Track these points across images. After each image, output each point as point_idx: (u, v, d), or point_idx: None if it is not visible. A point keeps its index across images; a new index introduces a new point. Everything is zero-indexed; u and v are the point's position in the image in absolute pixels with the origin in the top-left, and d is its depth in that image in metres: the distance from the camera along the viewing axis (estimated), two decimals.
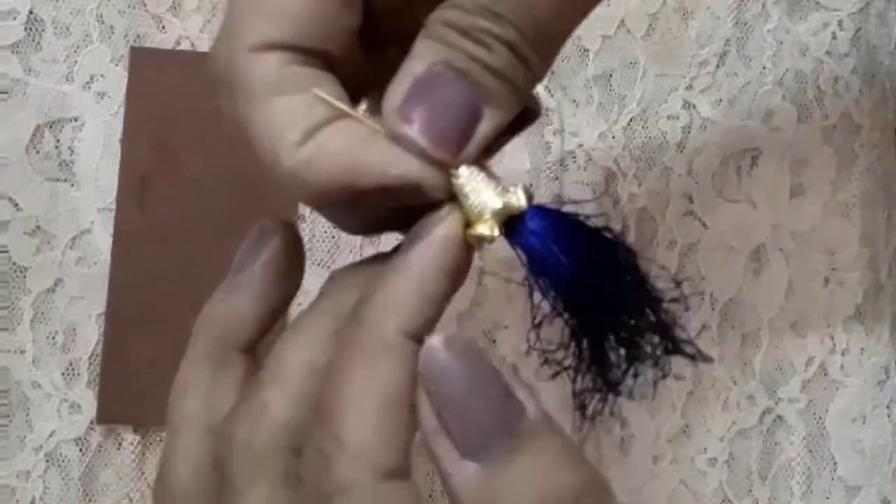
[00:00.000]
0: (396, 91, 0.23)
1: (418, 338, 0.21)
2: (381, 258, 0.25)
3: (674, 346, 0.19)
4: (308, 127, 0.23)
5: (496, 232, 0.22)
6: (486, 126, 0.23)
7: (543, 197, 0.45)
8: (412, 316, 0.21)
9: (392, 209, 0.24)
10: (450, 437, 0.20)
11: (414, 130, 0.22)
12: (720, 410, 0.46)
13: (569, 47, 0.46)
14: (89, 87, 0.43)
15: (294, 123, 0.23)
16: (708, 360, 0.21)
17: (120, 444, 0.43)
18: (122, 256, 0.42)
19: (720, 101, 0.47)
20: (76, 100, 0.43)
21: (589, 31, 0.46)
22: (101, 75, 0.43)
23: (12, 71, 0.42)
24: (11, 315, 0.42)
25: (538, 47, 0.23)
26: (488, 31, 0.23)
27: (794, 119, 0.48)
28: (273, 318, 0.27)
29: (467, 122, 0.23)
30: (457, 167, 0.22)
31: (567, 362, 0.21)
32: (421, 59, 0.23)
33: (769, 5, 0.48)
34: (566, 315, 0.20)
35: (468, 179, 0.22)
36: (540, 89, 0.46)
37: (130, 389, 0.42)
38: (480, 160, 0.23)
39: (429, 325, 0.22)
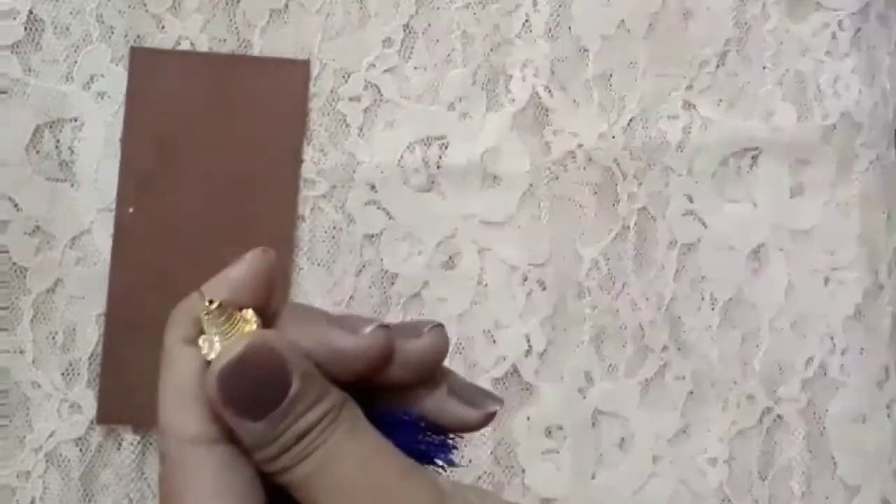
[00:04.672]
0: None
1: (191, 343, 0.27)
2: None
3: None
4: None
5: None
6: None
7: (544, 197, 0.45)
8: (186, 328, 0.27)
9: None
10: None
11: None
12: (720, 410, 0.46)
13: (569, 47, 0.46)
14: (89, 87, 0.43)
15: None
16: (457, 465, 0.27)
17: (120, 444, 0.43)
18: (121, 256, 0.42)
19: (720, 101, 0.47)
20: (76, 100, 0.43)
21: (589, 31, 0.46)
22: (101, 75, 0.43)
23: (12, 71, 0.42)
24: (11, 315, 0.42)
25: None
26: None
27: (794, 119, 0.48)
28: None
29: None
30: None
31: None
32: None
33: (769, 5, 0.48)
34: None
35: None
36: (540, 89, 0.46)
37: (130, 389, 0.42)
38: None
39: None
